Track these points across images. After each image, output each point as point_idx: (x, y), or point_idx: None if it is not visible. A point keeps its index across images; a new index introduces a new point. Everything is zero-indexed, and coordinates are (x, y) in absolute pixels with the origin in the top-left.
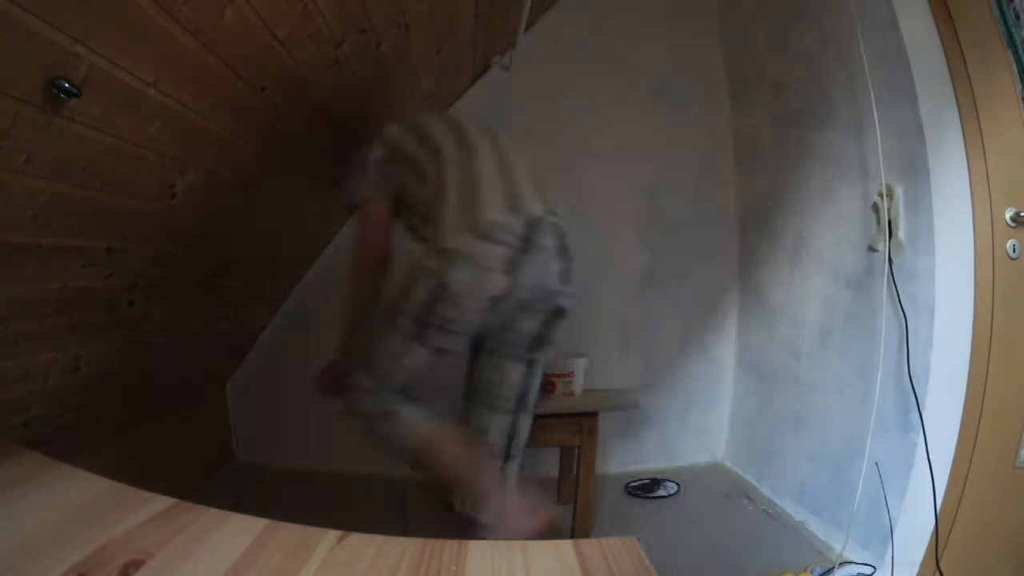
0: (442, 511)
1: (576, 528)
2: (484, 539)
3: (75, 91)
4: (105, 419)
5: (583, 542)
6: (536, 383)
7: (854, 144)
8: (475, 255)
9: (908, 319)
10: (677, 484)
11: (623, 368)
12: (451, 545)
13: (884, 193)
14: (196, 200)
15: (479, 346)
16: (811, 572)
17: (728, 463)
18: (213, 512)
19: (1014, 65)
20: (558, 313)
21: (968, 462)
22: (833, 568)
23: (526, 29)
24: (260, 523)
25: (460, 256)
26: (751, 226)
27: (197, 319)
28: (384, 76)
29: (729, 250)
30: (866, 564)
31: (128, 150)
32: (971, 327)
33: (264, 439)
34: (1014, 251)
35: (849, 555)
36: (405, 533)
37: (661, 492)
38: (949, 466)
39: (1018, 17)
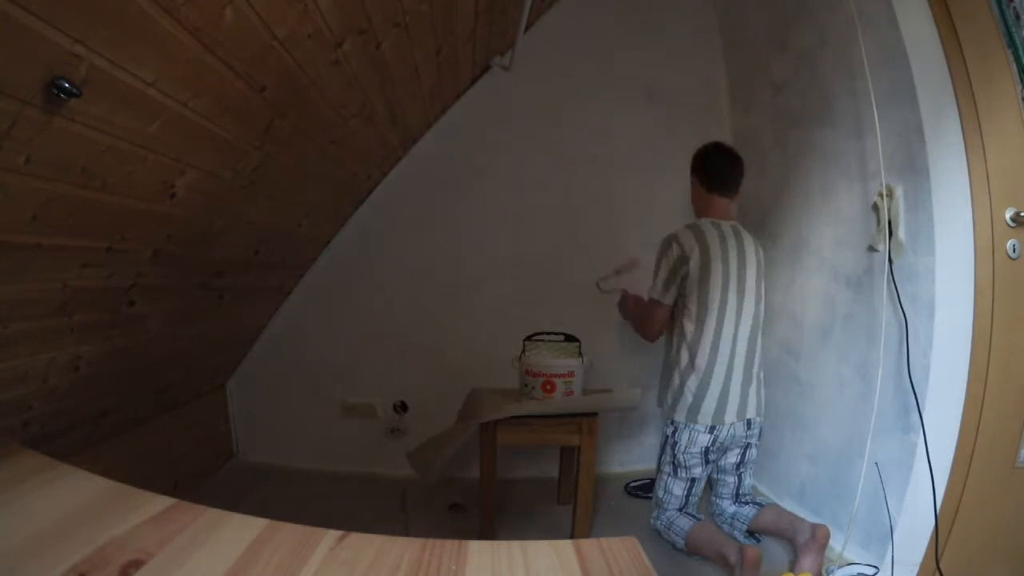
0: (443, 511)
1: (576, 528)
2: None
3: (75, 91)
4: (105, 419)
5: (583, 542)
6: (746, 480)
7: (854, 144)
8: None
9: (908, 319)
10: None
11: (623, 368)
12: (451, 545)
13: (884, 193)
14: (196, 200)
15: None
16: (827, 571)
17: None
18: (213, 512)
19: (1014, 65)
20: (748, 447)
21: (968, 462)
22: (845, 566)
23: (526, 29)
24: (260, 523)
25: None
26: (751, 226)
27: (197, 319)
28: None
29: None
30: (869, 565)
31: (128, 150)
32: (971, 327)
33: (264, 439)
34: (1014, 251)
35: (849, 555)
36: (405, 533)
37: None
38: (949, 466)
39: (1018, 17)
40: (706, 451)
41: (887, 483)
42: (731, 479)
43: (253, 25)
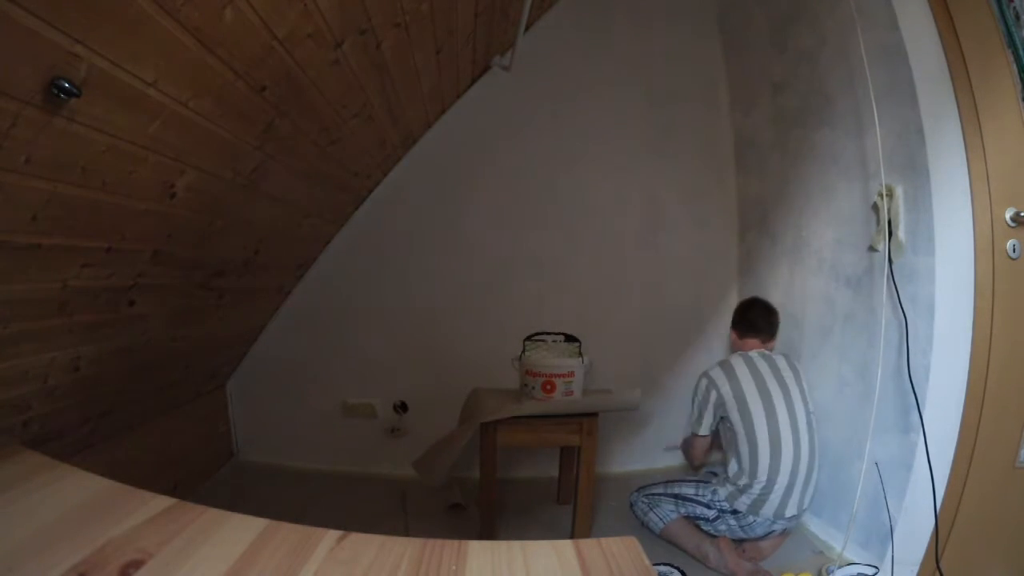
0: (443, 511)
1: (576, 528)
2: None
3: (75, 91)
4: (105, 419)
5: (583, 542)
6: None
7: (854, 144)
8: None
9: (908, 319)
10: None
11: (623, 368)
12: (451, 545)
13: (884, 193)
14: (196, 200)
15: None
16: (827, 570)
17: None
18: (213, 512)
19: (1014, 65)
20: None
21: (968, 462)
22: (845, 565)
23: (526, 29)
24: (260, 523)
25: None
26: (751, 226)
27: (197, 319)
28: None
29: (729, 250)
30: (869, 565)
31: (128, 150)
32: (971, 327)
33: (264, 439)
34: (1014, 251)
35: (849, 555)
36: (405, 533)
37: None
38: (949, 466)
39: (1018, 17)
40: (734, 511)
41: (887, 483)
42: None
43: (253, 25)
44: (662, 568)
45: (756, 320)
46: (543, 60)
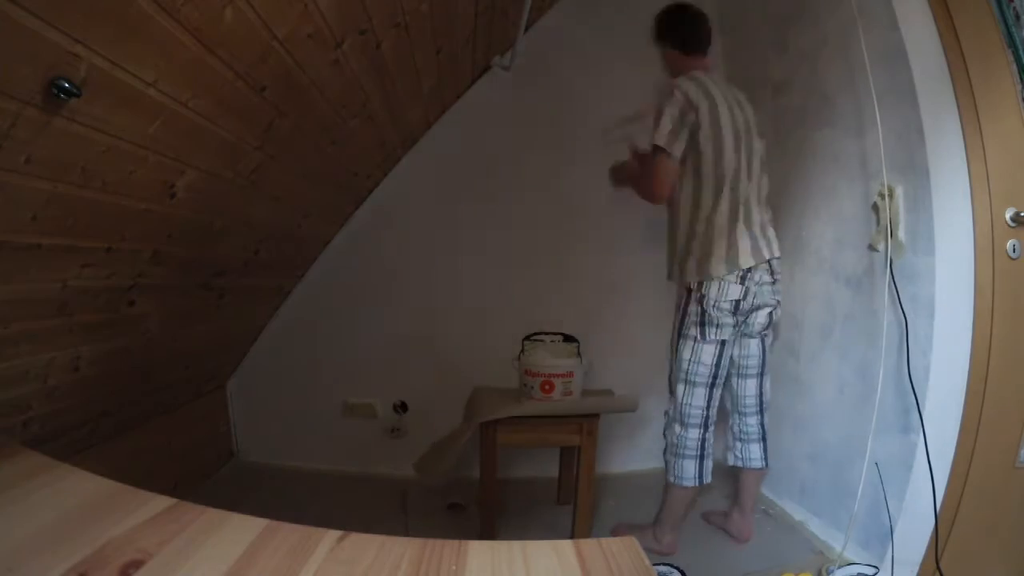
0: (443, 511)
1: (576, 528)
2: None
3: (75, 91)
4: (105, 419)
5: (583, 542)
6: (766, 353)
7: (854, 144)
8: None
9: (908, 319)
10: None
11: (623, 369)
12: (451, 545)
13: (884, 193)
14: (196, 200)
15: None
16: (827, 570)
17: (728, 463)
18: (213, 512)
19: (1014, 65)
20: (774, 310)
21: (968, 462)
22: (845, 565)
23: (526, 29)
24: (260, 523)
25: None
26: None
27: (197, 319)
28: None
29: None
30: (869, 565)
31: (128, 150)
32: (971, 327)
33: (264, 439)
34: (1014, 251)
35: (849, 555)
36: (405, 533)
37: None
38: (949, 466)
39: (1018, 17)
40: (737, 304)
41: (887, 483)
42: (755, 362)
43: (253, 25)
44: (662, 568)
45: (698, 29)
46: (543, 60)
